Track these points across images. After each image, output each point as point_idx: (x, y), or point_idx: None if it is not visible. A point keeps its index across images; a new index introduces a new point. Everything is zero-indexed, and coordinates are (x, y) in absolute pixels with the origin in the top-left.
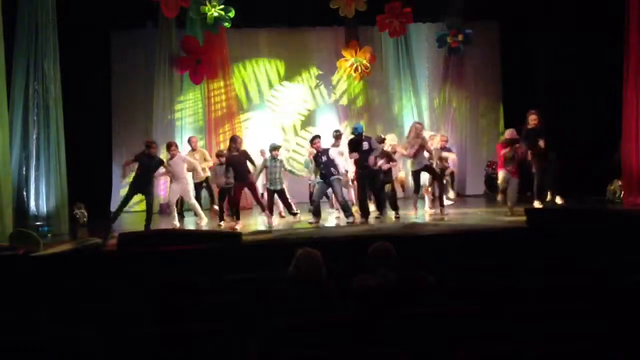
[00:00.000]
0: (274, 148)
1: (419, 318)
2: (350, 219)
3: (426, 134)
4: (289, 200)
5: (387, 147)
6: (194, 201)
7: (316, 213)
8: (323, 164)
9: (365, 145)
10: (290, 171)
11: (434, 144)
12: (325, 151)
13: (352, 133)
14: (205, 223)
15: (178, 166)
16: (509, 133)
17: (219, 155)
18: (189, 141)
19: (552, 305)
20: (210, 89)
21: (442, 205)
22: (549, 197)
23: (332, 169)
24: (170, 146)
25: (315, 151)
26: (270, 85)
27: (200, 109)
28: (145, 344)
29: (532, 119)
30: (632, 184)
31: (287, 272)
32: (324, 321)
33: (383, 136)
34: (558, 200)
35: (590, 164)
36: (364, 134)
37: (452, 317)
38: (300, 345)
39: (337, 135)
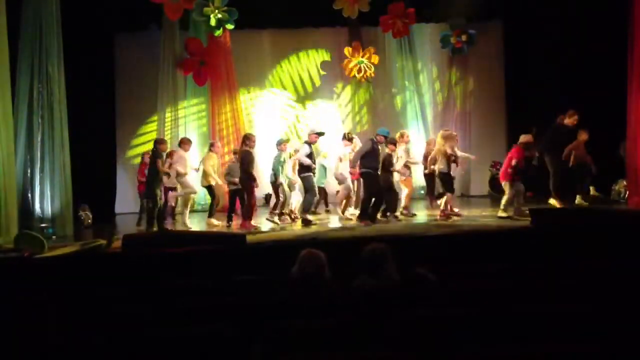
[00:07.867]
0: (281, 142)
1: (422, 320)
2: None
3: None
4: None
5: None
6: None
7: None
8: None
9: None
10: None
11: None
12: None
13: (379, 134)
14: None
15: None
16: (525, 138)
17: (235, 152)
18: (211, 146)
19: (556, 306)
20: (214, 90)
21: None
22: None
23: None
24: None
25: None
26: (273, 86)
27: (204, 111)
28: (149, 346)
29: (574, 118)
30: (637, 184)
31: (291, 273)
32: (327, 323)
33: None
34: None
35: (595, 164)
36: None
37: (455, 319)
38: (304, 347)
39: (351, 137)
